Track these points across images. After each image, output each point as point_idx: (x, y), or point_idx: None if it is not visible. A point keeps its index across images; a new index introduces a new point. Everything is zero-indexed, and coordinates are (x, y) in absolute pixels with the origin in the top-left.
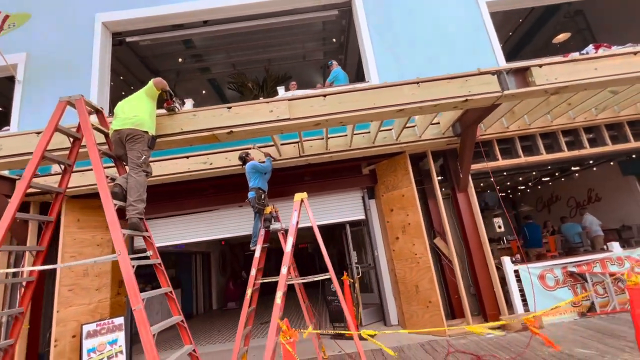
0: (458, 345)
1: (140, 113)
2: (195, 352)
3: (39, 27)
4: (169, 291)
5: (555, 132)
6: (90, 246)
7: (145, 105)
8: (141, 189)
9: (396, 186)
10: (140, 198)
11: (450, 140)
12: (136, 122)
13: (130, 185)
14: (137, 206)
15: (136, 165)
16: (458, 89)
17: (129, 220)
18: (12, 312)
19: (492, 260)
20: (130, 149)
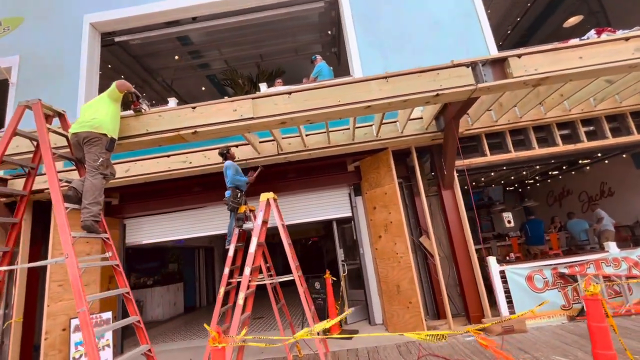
0: (433, 348)
1: (99, 115)
2: (150, 352)
3: (31, 30)
4: (126, 292)
5: (550, 125)
6: (79, 243)
7: (106, 107)
8: (97, 191)
9: (379, 183)
10: (96, 201)
11: (434, 136)
12: (94, 125)
13: (85, 188)
14: (92, 209)
15: (93, 168)
16: (429, 84)
17: (82, 223)
18: None
19: (475, 259)
20: (88, 152)
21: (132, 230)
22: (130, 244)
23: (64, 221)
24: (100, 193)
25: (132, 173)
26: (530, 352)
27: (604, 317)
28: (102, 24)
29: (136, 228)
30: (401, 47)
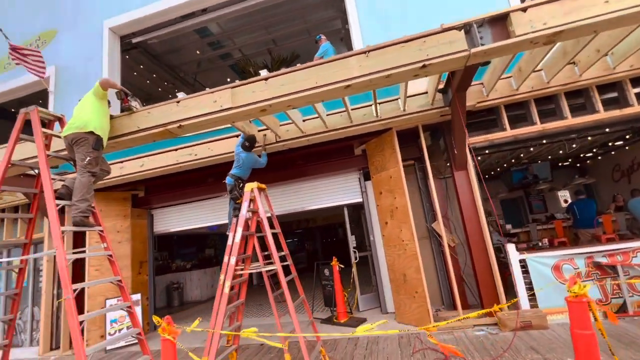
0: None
1: (84, 115)
2: (141, 334)
3: (62, 41)
4: (118, 280)
5: (588, 88)
6: (111, 232)
7: (90, 106)
8: (84, 189)
9: (384, 167)
10: (84, 198)
11: (442, 111)
12: (79, 126)
13: (75, 186)
14: (80, 205)
15: (81, 167)
16: (414, 54)
17: (72, 219)
18: (9, 293)
19: (490, 246)
20: (77, 152)
21: (159, 219)
22: (159, 232)
23: (55, 216)
24: (89, 190)
25: (145, 167)
26: (542, 353)
27: (590, 323)
28: (120, 27)
29: (162, 217)
30: (404, 16)
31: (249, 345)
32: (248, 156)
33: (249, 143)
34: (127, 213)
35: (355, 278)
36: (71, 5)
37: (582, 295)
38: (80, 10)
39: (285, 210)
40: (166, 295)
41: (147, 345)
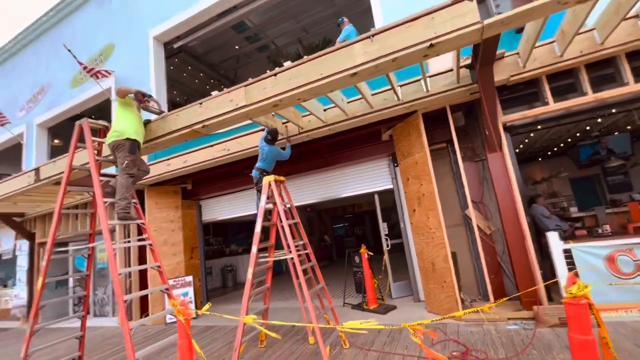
0: (463, 333)
1: (119, 125)
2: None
3: (119, 54)
4: (157, 266)
5: None
6: (165, 222)
7: (121, 115)
8: (123, 189)
9: (410, 152)
10: (123, 197)
11: (471, 89)
12: (117, 135)
13: (117, 187)
14: (120, 203)
15: (121, 169)
16: (421, 33)
17: (116, 215)
18: (82, 275)
19: (527, 234)
20: (117, 157)
21: (206, 209)
22: (206, 220)
23: (103, 213)
24: (128, 190)
25: (188, 164)
26: None
27: (590, 328)
28: (162, 35)
29: (209, 207)
30: None
31: (283, 327)
32: (271, 149)
33: (271, 136)
34: (178, 204)
35: (387, 265)
36: (124, 20)
37: (580, 296)
38: (131, 23)
39: (317, 199)
40: (221, 277)
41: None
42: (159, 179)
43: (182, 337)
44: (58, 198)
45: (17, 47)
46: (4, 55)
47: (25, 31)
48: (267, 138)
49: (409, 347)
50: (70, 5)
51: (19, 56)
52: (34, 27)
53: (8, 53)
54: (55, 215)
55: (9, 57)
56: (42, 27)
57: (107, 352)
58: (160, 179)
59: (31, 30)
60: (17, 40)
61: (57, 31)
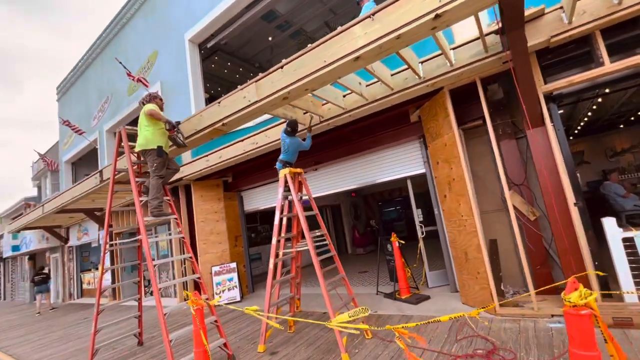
0: (495, 329)
1: (144, 136)
2: (208, 299)
3: (162, 60)
4: (189, 257)
5: None
6: (210, 213)
7: (146, 127)
8: (154, 189)
9: (438, 133)
10: (155, 197)
11: (505, 57)
12: (143, 144)
13: (149, 187)
14: (152, 202)
15: (151, 172)
16: (425, 4)
17: (150, 213)
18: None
19: (577, 220)
20: (148, 161)
21: (247, 199)
22: (248, 210)
23: (139, 210)
24: (158, 190)
25: (223, 158)
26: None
27: (594, 343)
28: (196, 36)
29: (250, 198)
30: None
31: (314, 312)
32: (292, 140)
33: (291, 128)
34: (220, 197)
35: (423, 253)
36: (164, 27)
37: (581, 306)
38: (169, 30)
39: (348, 187)
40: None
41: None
42: (201, 174)
43: (196, 324)
44: (108, 197)
45: (85, 65)
46: (76, 74)
47: (89, 50)
48: (287, 130)
49: (432, 342)
50: (120, 22)
51: (88, 73)
52: (95, 45)
53: (79, 71)
54: (107, 212)
55: (80, 74)
56: (101, 44)
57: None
58: (202, 174)
59: (93, 48)
60: (84, 60)
61: (113, 46)
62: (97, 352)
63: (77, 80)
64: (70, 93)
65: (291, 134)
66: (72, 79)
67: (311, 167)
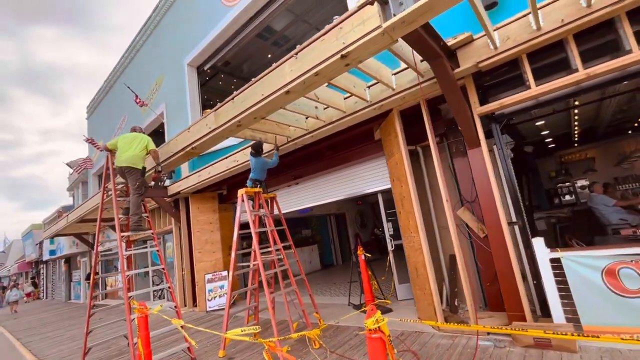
0: (430, 345)
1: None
2: (177, 307)
3: (167, 83)
4: (162, 267)
5: None
6: (205, 224)
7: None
8: (135, 206)
9: (392, 152)
10: (135, 213)
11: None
12: (133, 162)
13: (130, 204)
14: (133, 218)
15: (133, 189)
16: (334, 45)
17: (131, 227)
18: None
19: (509, 240)
20: (129, 179)
21: None
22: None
23: (117, 226)
24: (139, 206)
25: (212, 174)
26: None
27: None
28: (194, 60)
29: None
30: None
31: (284, 321)
32: (257, 160)
33: (254, 150)
34: (215, 208)
35: (392, 266)
36: (169, 52)
37: (373, 330)
38: (173, 54)
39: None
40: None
41: (180, 315)
42: (195, 187)
43: (142, 330)
44: (98, 216)
45: (108, 86)
46: (102, 95)
47: (112, 72)
48: (251, 152)
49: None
50: (136, 47)
51: (111, 93)
52: (116, 68)
53: (104, 92)
54: (97, 229)
55: (105, 95)
56: (121, 67)
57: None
58: (196, 188)
59: (115, 70)
60: (108, 81)
61: (128, 71)
62: (90, 351)
63: (102, 100)
64: (97, 112)
65: (255, 155)
66: (99, 99)
67: (292, 181)
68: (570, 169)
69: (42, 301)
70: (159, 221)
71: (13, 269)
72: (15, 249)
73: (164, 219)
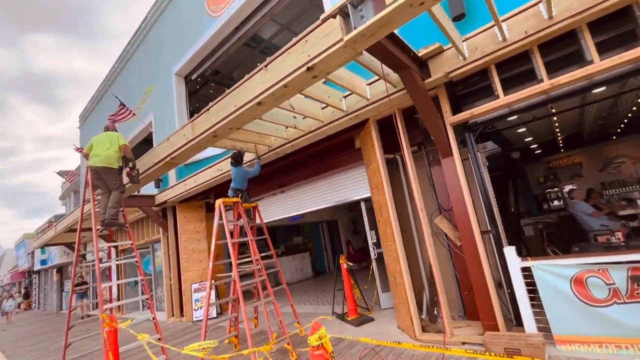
0: (405, 356)
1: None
2: (155, 319)
3: (155, 93)
4: (141, 278)
5: (630, 7)
6: (192, 233)
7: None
8: (116, 201)
9: (370, 161)
10: (114, 206)
11: None
12: (110, 163)
13: (112, 198)
14: (111, 211)
15: (115, 187)
16: (299, 57)
17: (103, 221)
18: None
19: (481, 249)
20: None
21: None
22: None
23: (95, 230)
24: (119, 201)
25: (197, 183)
26: None
27: None
28: (181, 69)
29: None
30: None
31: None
32: (237, 170)
33: (234, 159)
34: (202, 217)
35: (375, 275)
36: (158, 62)
37: (316, 347)
38: (161, 64)
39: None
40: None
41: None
42: (182, 196)
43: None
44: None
45: (100, 95)
46: (93, 104)
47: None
48: (231, 162)
49: None
50: (127, 56)
51: (101, 104)
52: (107, 77)
53: (95, 101)
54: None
55: (96, 104)
56: (110, 79)
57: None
58: (183, 197)
59: (106, 79)
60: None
61: (119, 80)
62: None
63: (94, 109)
64: (89, 121)
65: (235, 164)
66: (91, 107)
67: (278, 189)
68: (558, 174)
69: (34, 311)
70: (147, 230)
71: (6, 279)
72: (9, 259)
73: (152, 229)
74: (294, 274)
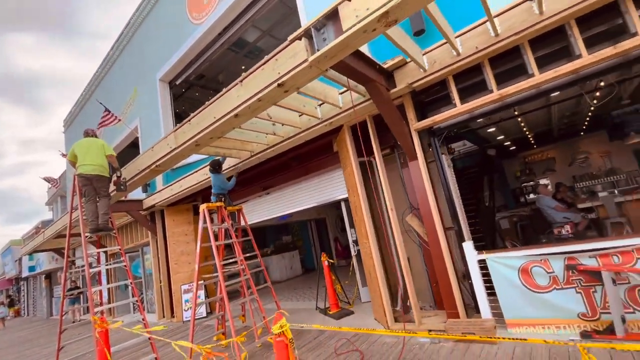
0: (377, 344)
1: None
2: (144, 320)
3: (140, 98)
4: (130, 282)
5: (564, 27)
6: (181, 236)
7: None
8: (106, 207)
9: (345, 164)
10: (105, 212)
11: None
12: (101, 171)
13: (102, 205)
14: (104, 217)
15: (105, 194)
16: (271, 74)
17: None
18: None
19: (444, 243)
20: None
21: None
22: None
23: (85, 238)
24: (109, 207)
25: (183, 187)
26: None
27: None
28: (165, 75)
29: None
30: None
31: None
32: (216, 177)
33: (212, 167)
34: (190, 220)
35: (356, 270)
36: (142, 67)
37: (277, 334)
38: (146, 70)
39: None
40: (255, 277)
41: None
42: (170, 200)
43: (101, 345)
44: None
45: (84, 99)
46: (78, 109)
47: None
48: (210, 169)
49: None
50: (111, 60)
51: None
52: (91, 81)
53: (80, 106)
54: (66, 248)
55: (81, 109)
56: (95, 83)
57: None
58: (171, 201)
59: (90, 84)
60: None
61: (103, 85)
62: None
63: (79, 113)
64: (74, 125)
65: (213, 171)
66: (76, 112)
67: (263, 191)
68: (534, 169)
69: (23, 318)
70: (137, 234)
71: None
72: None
73: (141, 232)
74: (284, 272)
